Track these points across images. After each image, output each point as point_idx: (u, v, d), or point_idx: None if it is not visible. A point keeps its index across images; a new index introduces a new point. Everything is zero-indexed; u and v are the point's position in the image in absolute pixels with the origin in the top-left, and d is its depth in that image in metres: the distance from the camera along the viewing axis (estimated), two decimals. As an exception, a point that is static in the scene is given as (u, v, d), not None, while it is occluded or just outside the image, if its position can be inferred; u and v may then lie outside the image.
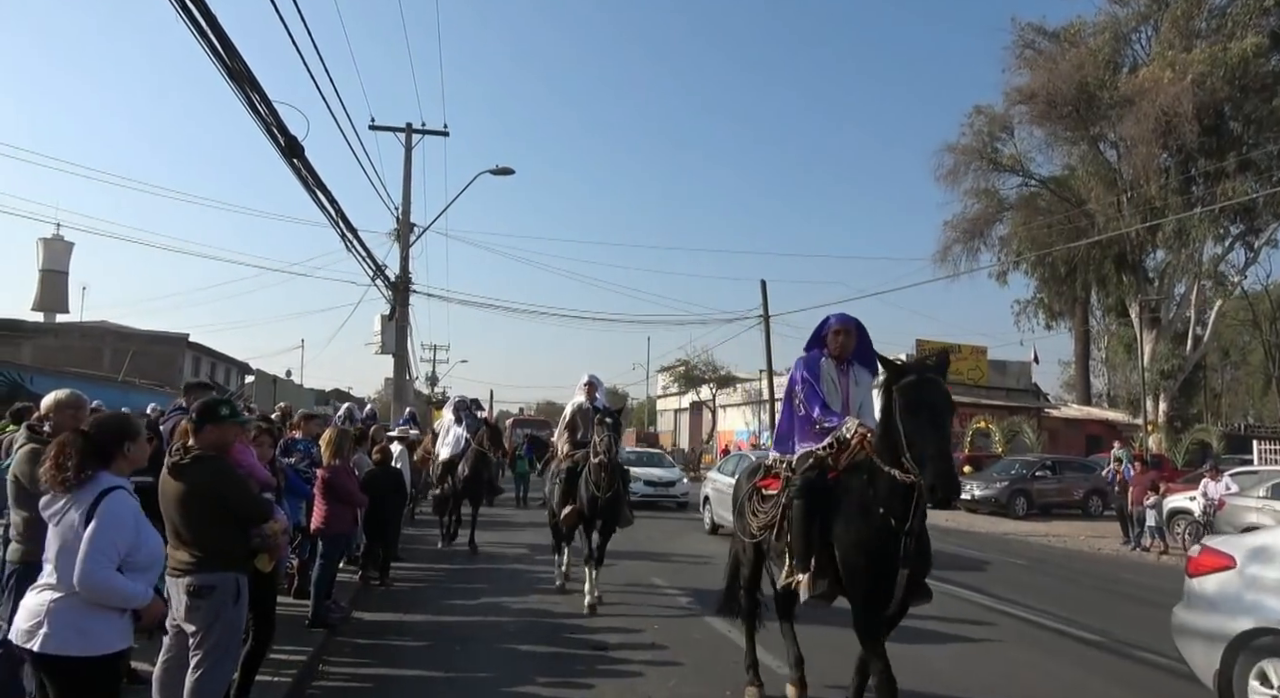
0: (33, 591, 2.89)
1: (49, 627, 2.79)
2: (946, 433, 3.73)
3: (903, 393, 3.75)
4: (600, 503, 7.81)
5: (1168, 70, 26.44)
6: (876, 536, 3.93)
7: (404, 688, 5.38)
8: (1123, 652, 7.05)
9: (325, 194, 12.12)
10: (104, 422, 3.26)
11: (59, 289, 46.32)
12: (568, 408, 9.03)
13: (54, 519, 2.92)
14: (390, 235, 19.62)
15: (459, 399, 13.03)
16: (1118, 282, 31.39)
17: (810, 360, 4.75)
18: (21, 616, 2.85)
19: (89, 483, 2.91)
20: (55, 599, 2.83)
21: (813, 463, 4.39)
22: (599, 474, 7.74)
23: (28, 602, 2.87)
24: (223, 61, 7.06)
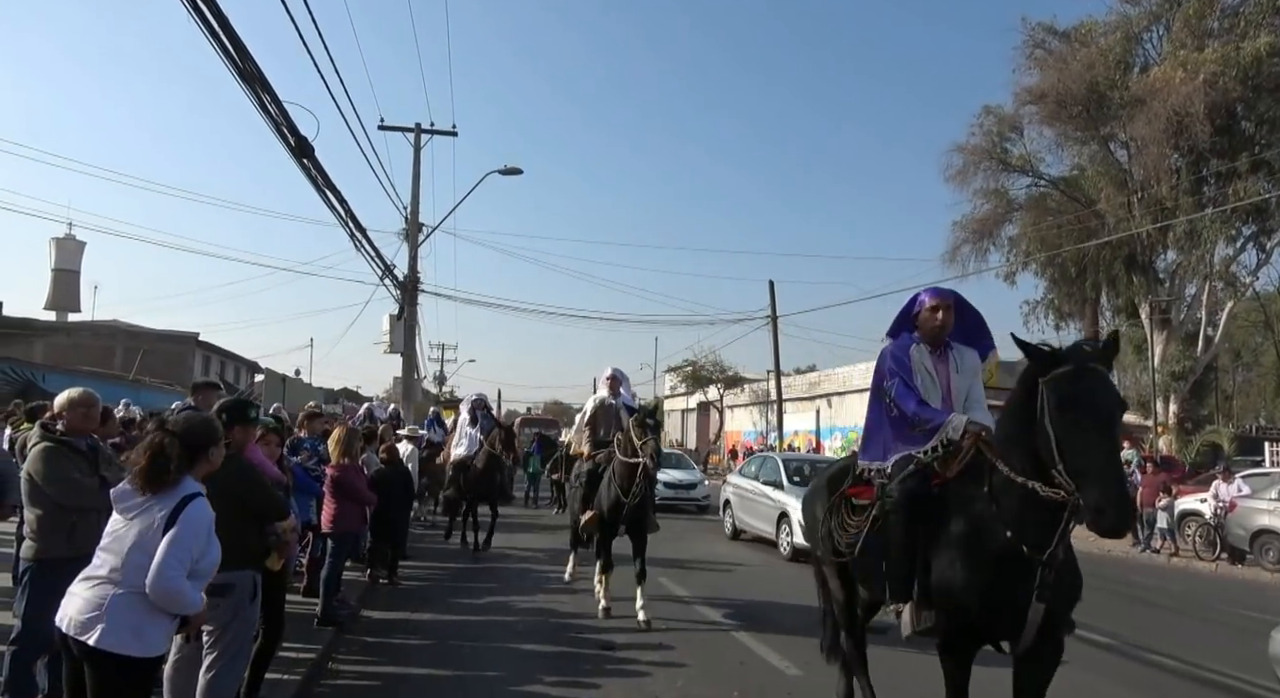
0: (89, 582, 2.81)
1: (108, 623, 2.73)
2: (1116, 441, 3.03)
3: (1056, 387, 3.00)
4: (626, 509, 7.22)
5: (1179, 70, 26.26)
6: (997, 562, 3.20)
7: (412, 686, 5.40)
8: (1133, 655, 7.02)
9: (335, 194, 12.18)
10: (194, 424, 3.19)
11: (71, 288, 46.70)
12: (589, 404, 8.48)
13: (129, 513, 2.86)
14: (399, 235, 19.68)
15: (476, 398, 12.32)
16: (1128, 282, 31.18)
17: (898, 349, 4.02)
18: (76, 605, 2.77)
19: (175, 486, 2.89)
20: (118, 596, 2.77)
21: (914, 469, 3.66)
22: (629, 478, 7.11)
23: (84, 593, 2.79)
24: (234, 62, 7.11)
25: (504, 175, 19.59)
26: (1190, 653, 7.07)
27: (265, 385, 31.09)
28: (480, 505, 11.26)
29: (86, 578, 2.83)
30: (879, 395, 4.06)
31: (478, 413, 11.73)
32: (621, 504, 7.20)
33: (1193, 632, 8.24)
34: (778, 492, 12.33)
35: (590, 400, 8.53)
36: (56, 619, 2.80)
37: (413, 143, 19.76)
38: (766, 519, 12.52)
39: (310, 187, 11.24)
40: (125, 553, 2.79)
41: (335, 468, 6.78)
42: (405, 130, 19.80)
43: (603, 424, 8.15)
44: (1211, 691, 6.18)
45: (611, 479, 7.29)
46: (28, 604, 3.94)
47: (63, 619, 2.78)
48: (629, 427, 7.10)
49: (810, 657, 6.20)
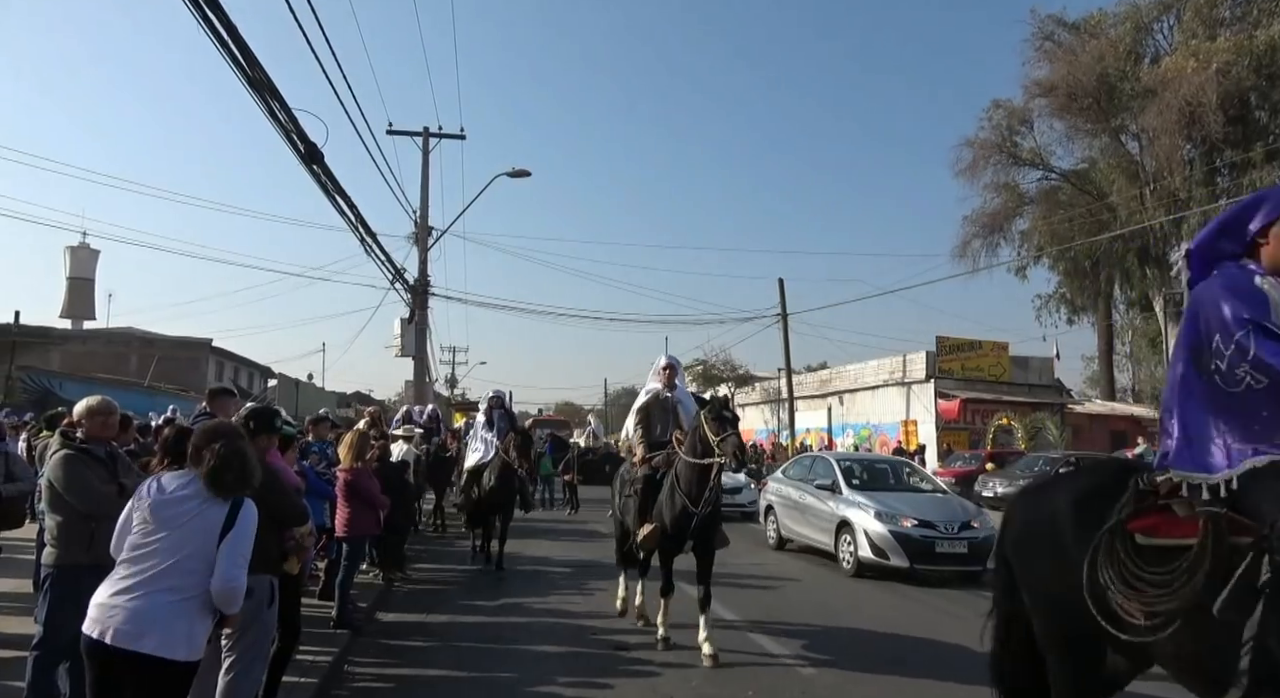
0: (131, 594, 2.77)
1: (162, 630, 2.74)
2: None
3: None
4: (696, 520, 6.18)
5: (1191, 60, 26.04)
6: None
7: (428, 688, 5.43)
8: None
9: (345, 199, 12.27)
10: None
11: (86, 296, 47.15)
12: (640, 398, 7.26)
13: (177, 521, 2.85)
14: (409, 239, 19.80)
15: (493, 396, 10.85)
16: (1141, 275, 30.96)
17: (1232, 282, 2.54)
18: (121, 617, 2.75)
19: None
20: (173, 603, 2.78)
21: None
22: (699, 483, 6.10)
23: (129, 604, 2.76)
24: (243, 70, 7.17)
25: (512, 178, 19.68)
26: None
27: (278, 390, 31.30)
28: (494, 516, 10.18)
29: (125, 591, 2.79)
30: (1197, 361, 2.55)
31: (494, 414, 10.46)
32: (690, 515, 6.14)
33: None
34: (834, 497, 10.95)
35: (641, 395, 7.32)
36: (93, 633, 2.75)
37: (421, 147, 19.89)
38: (821, 528, 11.10)
39: (320, 192, 11.33)
40: (179, 561, 2.82)
41: (347, 471, 6.83)
42: (413, 135, 19.92)
43: (658, 421, 7.04)
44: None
45: (675, 486, 6.25)
46: (49, 610, 3.99)
47: (104, 632, 2.74)
48: (702, 421, 6.01)
49: (825, 655, 6.21)
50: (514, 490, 9.97)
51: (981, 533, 9.87)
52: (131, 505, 2.97)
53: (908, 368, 31.49)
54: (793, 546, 12.15)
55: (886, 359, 33.19)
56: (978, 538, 9.80)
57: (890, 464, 13.08)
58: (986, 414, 29.61)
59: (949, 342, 32.16)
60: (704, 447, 5.98)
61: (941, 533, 9.82)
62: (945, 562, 9.76)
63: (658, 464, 6.64)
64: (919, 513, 10.06)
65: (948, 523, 9.93)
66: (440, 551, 11.27)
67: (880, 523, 9.93)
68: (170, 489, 2.94)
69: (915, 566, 9.63)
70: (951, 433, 29.30)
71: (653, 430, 6.99)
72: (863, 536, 9.99)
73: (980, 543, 9.68)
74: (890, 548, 9.72)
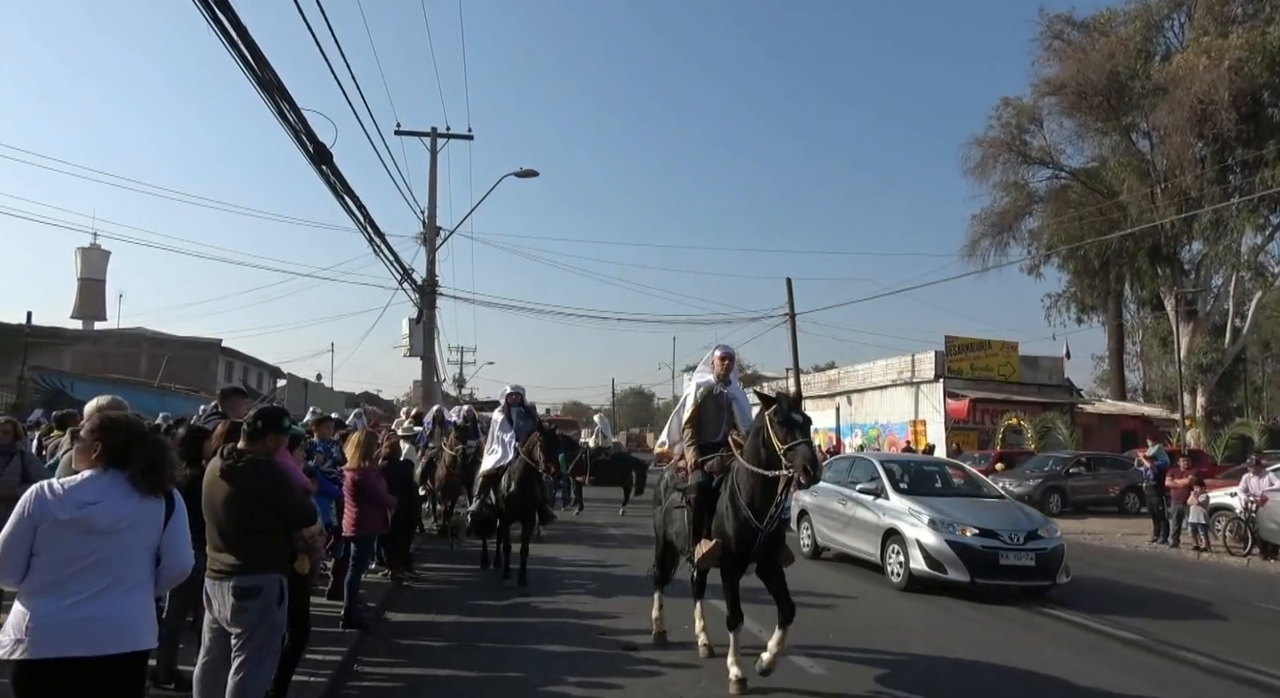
0: (97, 603, 2.67)
1: (135, 625, 2.75)
2: None
3: None
4: (761, 538, 5.38)
5: (1203, 57, 25.84)
6: None
7: (437, 687, 5.44)
8: (1164, 652, 6.91)
9: (354, 200, 12.29)
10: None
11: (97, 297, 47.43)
12: (690, 392, 6.21)
13: (122, 524, 2.74)
14: (417, 239, 19.83)
15: (511, 392, 9.83)
16: (1152, 274, 30.76)
17: None
18: (96, 626, 2.66)
19: None
20: (136, 596, 2.77)
21: None
22: (765, 497, 5.24)
23: (99, 613, 2.67)
24: (253, 71, 7.20)
25: (520, 178, 19.67)
26: (1223, 650, 6.95)
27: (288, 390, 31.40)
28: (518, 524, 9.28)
29: (86, 601, 2.65)
30: None
31: (513, 412, 9.51)
32: (754, 531, 5.32)
33: (1225, 628, 8.11)
34: (879, 503, 9.92)
35: (691, 389, 6.27)
36: (55, 653, 2.59)
37: (429, 147, 19.91)
38: (864, 537, 10.11)
39: (330, 192, 11.36)
40: (132, 558, 2.77)
41: (355, 471, 6.84)
42: (421, 135, 19.95)
43: (711, 420, 6.09)
44: (1247, 689, 6.07)
45: (735, 496, 5.42)
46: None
47: (73, 645, 2.61)
48: (767, 424, 5.11)
49: (834, 657, 6.18)
50: (536, 497, 9.08)
51: (1050, 543, 9.03)
52: (41, 523, 2.64)
53: (916, 368, 31.36)
54: (828, 554, 11.15)
55: (895, 359, 33.07)
56: (1046, 549, 8.94)
57: (939, 466, 11.94)
58: (996, 414, 29.48)
59: (958, 341, 32.02)
60: (769, 454, 5.12)
61: (1006, 544, 8.81)
62: (1010, 576, 8.81)
63: (712, 469, 5.76)
64: (979, 521, 9.07)
65: (1012, 532, 8.94)
66: (449, 551, 11.28)
67: (935, 532, 8.95)
68: (99, 495, 2.72)
69: (976, 580, 8.69)
70: (960, 433, 29.17)
71: (703, 430, 6.04)
72: (915, 546, 9.01)
73: (1049, 554, 8.93)
74: (948, 560, 8.77)
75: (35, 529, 2.63)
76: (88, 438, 2.87)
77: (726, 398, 6.14)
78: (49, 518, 2.64)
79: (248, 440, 3.87)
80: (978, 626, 7.68)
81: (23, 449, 5.94)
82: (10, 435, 5.77)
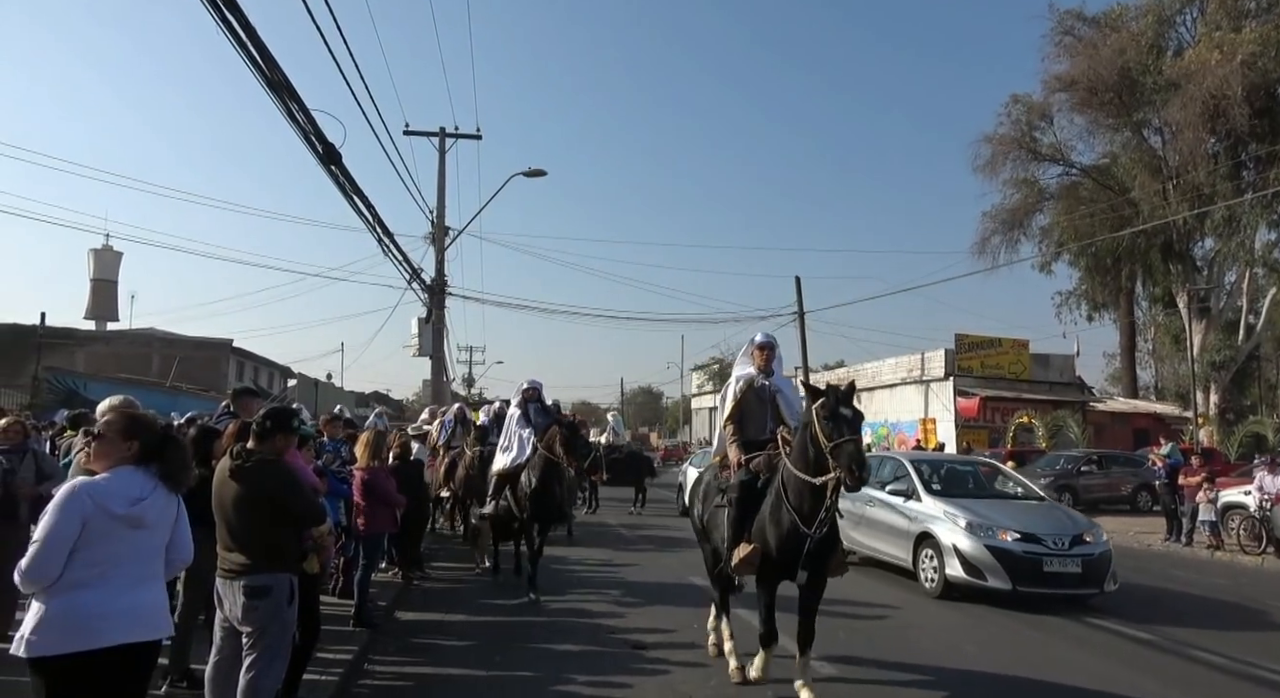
0: (142, 589, 2.82)
1: (167, 614, 2.97)
2: None
3: None
4: (809, 544, 4.92)
5: (1215, 52, 25.61)
6: None
7: (447, 686, 5.45)
8: (1178, 652, 6.86)
9: (363, 200, 12.33)
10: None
11: (109, 298, 47.81)
12: (730, 387, 5.77)
13: (165, 515, 2.91)
14: (426, 239, 19.89)
15: (527, 387, 9.32)
16: (1165, 271, 30.52)
17: None
18: (143, 613, 2.81)
19: None
20: (161, 586, 2.97)
21: None
22: (814, 499, 4.84)
23: (145, 600, 2.83)
24: (262, 71, 7.22)
25: (528, 177, 19.70)
26: (1237, 649, 6.89)
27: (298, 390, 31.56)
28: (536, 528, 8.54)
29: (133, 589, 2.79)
30: None
31: (530, 408, 9.04)
32: (801, 537, 4.90)
33: (1239, 627, 8.03)
34: (911, 504, 9.43)
35: (730, 383, 5.81)
36: (113, 641, 2.69)
37: (437, 147, 19.96)
38: (894, 541, 9.57)
39: (339, 193, 11.40)
40: (159, 550, 2.94)
41: (364, 470, 6.87)
42: (430, 135, 20.01)
43: (755, 416, 5.64)
44: (1264, 689, 6.01)
45: (782, 498, 5.00)
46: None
47: (124, 633, 2.72)
48: (814, 419, 4.69)
49: (845, 658, 6.16)
50: (557, 496, 8.39)
51: (1097, 548, 8.49)
52: (92, 519, 2.72)
53: (926, 366, 31.25)
54: (853, 558, 9.36)
55: (905, 357, 32.96)
56: (1093, 555, 8.39)
57: (972, 466, 11.30)
58: (1006, 412, 29.35)
59: (968, 339, 31.88)
60: (816, 452, 4.75)
61: (1050, 549, 8.29)
62: (1055, 583, 8.26)
63: (758, 467, 5.30)
64: (1020, 524, 8.55)
65: (1057, 537, 8.41)
66: (459, 550, 11.30)
67: (973, 537, 8.45)
68: (143, 492, 2.84)
69: (1019, 588, 8.18)
70: (971, 431, 29.06)
71: (746, 427, 5.60)
72: (951, 552, 8.50)
73: (1096, 560, 8.38)
74: (988, 567, 8.26)
75: (84, 525, 2.70)
76: (117, 437, 2.92)
77: (770, 391, 5.63)
78: (102, 514, 2.72)
79: (257, 440, 3.89)
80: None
81: (34, 448, 5.98)
82: (21, 435, 5.81)
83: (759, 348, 5.77)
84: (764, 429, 5.59)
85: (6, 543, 5.58)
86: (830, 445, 4.57)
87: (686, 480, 16.96)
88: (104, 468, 2.87)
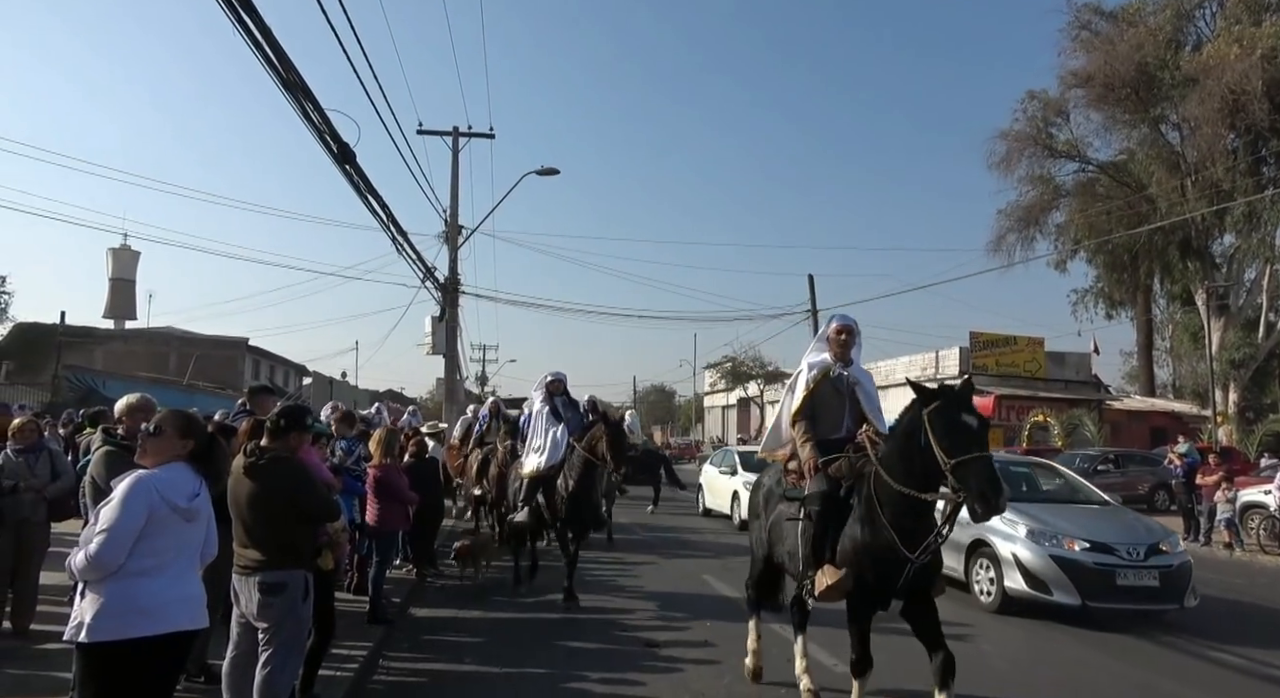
0: (195, 579, 3.03)
1: (205, 606, 3.08)
2: None
3: None
4: (909, 571, 4.11)
5: (1234, 46, 25.31)
6: None
7: (461, 683, 5.47)
8: (1196, 652, 6.79)
9: (376, 199, 12.37)
10: None
11: (127, 296, 48.27)
12: (802, 376, 4.93)
13: (209, 511, 3.07)
14: (439, 237, 19.95)
15: (553, 379, 8.54)
16: (1183, 268, 30.20)
17: None
18: (201, 601, 3.02)
19: None
20: (200, 580, 3.08)
21: None
22: (914, 519, 4.05)
23: (200, 590, 3.03)
24: (277, 72, 7.26)
25: (541, 176, 19.72)
26: (1256, 650, 6.82)
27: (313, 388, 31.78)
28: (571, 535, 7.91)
29: (191, 579, 3.00)
30: None
31: (557, 401, 8.31)
32: (901, 562, 4.09)
33: (1259, 628, 7.94)
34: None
35: (803, 370, 4.97)
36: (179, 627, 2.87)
37: (450, 146, 20.01)
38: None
39: (353, 192, 11.45)
40: (200, 546, 3.08)
41: (377, 468, 6.91)
42: (443, 134, 20.06)
43: (831, 411, 4.82)
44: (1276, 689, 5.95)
45: (875, 514, 4.16)
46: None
47: (183, 620, 2.90)
48: (925, 428, 3.88)
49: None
50: (595, 501, 7.78)
51: (1175, 559, 7.71)
52: (158, 511, 2.86)
53: (940, 364, 31.10)
54: None
55: (919, 355, 32.80)
56: (1171, 566, 7.59)
57: (1027, 466, 10.30)
58: (1022, 411, 29.14)
59: (983, 337, 31.67)
60: (925, 466, 3.90)
61: (1124, 560, 7.44)
62: (1129, 598, 7.43)
63: (838, 472, 4.47)
64: (1088, 532, 7.71)
65: (1130, 546, 7.57)
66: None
67: (1035, 546, 7.64)
68: (199, 488, 3.03)
69: (1089, 603, 7.38)
70: (986, 430, 28.86)
71: (819, 423, 4.78)
72: (1011, 563, 7.71)
73: (1175, 573, 7.58)
74: (1053, 580, 7.46)
75: (149, 517, 2.82)
76: (175, 434, 3.04)
77: (848, 382, 4.83)
78: (165, 506, 2.86)
79: (270, 438, 3.93)
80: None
81: (49, 446, 6.06)
82: (36, 434, 5.89)
83: (837, 330, 4.91)
84: (839, 426, 4.80)
85: (30, 542, 5.68)
86: (952, 462, 3.73)
87: (706, 481, 16.97)
88: (155, 463, 2.99)
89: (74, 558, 2.79)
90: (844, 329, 4.91)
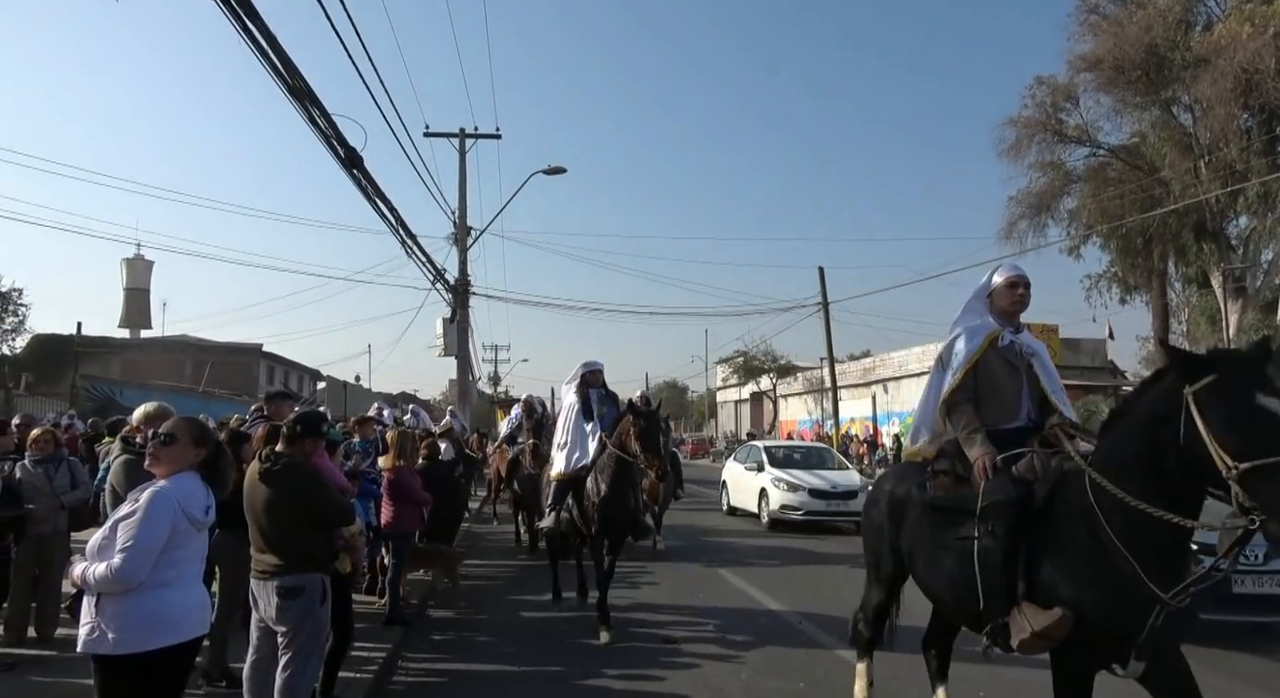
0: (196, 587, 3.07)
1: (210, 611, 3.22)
2: None
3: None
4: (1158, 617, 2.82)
5: (1246, 24, 24.99)
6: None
7: (479, 682, 5.50)
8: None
9: (385, 203, 12.43)
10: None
11: (142, 306, 48.74)
12: (962, 344, 3.72)
13: (213, 518, 3.12)
14: (448, 239, 20.02)
15: (587, 371, 7.47)
16: (1198, 251, 29.85)
17: None
18: (204, 612, 3.08)
19: None
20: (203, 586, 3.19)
21: None
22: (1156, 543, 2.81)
23: (205, 598, 3.14)
24: (283, 79, 7.29)
25: (548, 175, 19.74)
26: None
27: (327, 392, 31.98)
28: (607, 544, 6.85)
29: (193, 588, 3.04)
30: None
31: (591, 395, 7.30)
32: (1149, 604, 2.83)
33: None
34: None
35: (961, 338, 3.75)
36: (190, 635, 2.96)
37: (457, 148, 20.06)
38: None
39: (361, 196, 11.50)
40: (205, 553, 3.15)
41: (391, 470, 6.94)
42: (450, 136, 20.11)
43: (1001, 391, 3.66)
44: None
45: (1100, 536, 2.92)
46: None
47: (201, 626, 3.02)
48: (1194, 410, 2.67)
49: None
50: (630, 504, 6.76)
51: None
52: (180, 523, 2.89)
53: (954, 354, 30.81)
54: None
55: (931, 345, 32.53)
56: None
57: None
58: (1037, 399, 28.88)
59: (995, 325, 31.30)
60: (1185, 472, 2.72)
61: (1244, 564, 6.27)
62: (1246, 608, 6.38)
63: (1029, 472, 3.30)
64: None
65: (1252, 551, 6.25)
66: (488, 547, 11.39)
67: None
68: (208, 498, 3.07)
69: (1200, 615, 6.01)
70: (1001, 419, 28.65)
71: (987, 407, 3.62)
72: None
73: None
74: None
75: (173, 529, 2.85)
76: (190, 443, 3.03)
77: (1023, 353, 3.67)
78: (185, 518, 2.89)
79: (286, 444, 3.97)
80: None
81: (67, 456, 6.13)
82: (53, 445, 5.95)
83: (1010, 283, 3.70)
84: (1017, 412, 3.62)
85: (51, 552, 5.75)
86: (1240, 469, 2.47)
87: (730, 478, 16.65)
88: (168, 472, 2.98)
89: (91, 570, 2.78)
90: (1017, 281, 3.70)
